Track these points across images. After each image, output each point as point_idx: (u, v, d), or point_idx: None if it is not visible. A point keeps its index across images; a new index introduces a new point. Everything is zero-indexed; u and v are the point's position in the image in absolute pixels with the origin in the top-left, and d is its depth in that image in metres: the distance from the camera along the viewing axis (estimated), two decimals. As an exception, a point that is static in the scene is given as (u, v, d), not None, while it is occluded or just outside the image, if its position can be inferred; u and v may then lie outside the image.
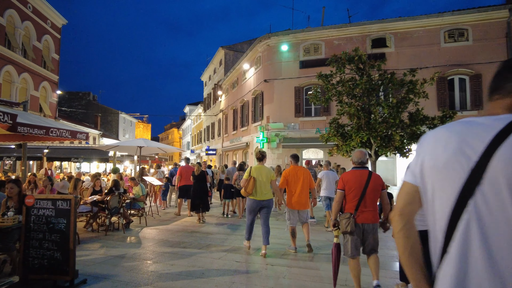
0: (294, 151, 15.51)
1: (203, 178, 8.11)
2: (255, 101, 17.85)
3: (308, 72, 15.40)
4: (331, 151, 9.41)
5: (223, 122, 24.71)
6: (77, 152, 16.09)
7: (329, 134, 9.07)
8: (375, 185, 3.44)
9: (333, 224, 3.53)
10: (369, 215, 3.41)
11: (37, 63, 22.43)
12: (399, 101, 8.12)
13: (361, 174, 3.48)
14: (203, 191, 8.06)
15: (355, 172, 3.54)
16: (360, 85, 8.23)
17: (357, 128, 8.42)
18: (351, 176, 3.52)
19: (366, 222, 3.41)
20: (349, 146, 8.73)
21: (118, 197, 6.73)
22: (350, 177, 3.52)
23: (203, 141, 32.99)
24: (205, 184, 8.16)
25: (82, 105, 38.75)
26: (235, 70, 21.32)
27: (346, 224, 3.36)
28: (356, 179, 3.46)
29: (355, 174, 3.51)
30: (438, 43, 14.05)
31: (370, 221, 3.42)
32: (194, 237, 6.41)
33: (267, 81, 16.12)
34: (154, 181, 9.48)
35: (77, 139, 7.11)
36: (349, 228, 3.34)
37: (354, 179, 3.47)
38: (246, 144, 18.35)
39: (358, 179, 3.45)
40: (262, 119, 16.60)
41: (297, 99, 15.53)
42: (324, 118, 15.08)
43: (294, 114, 15.54)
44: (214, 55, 27.61)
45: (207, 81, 32.61)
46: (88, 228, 6.91)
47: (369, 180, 3.42)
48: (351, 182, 3.48)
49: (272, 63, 16.19)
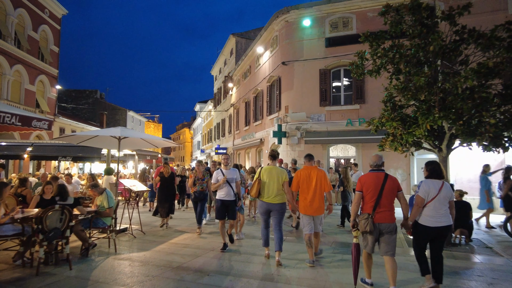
0: (319, 148, 12.74)
1: (171, 180, 7.74)
2: (271, 89, 15.17)
3: (336, 51, 12.62)
4: (382, 144, 6.63)
5: (234, 117, 22.16)
6: (65, 150, 13.97)
7: (383, 119, 6.30)
8: (391, 187, 3.59)
9: (352, 225, 3.70)
10: (385, 215, 3.54)
11: (33, 55, 20.59)
12: (497, 65, 5.25)
13: (378, 176, 3.64)
14: (170, 194, 7.66)
15: (372, 174, 3.70)
16: (435, 41, 5.42)
17: (428, 108, 5.61)
18: (369, 178, 3.67)
19: (382, 221, 3.54)
20: (412, 136, 5.94)
21: (60, 213, 4.23)
22: (367, 179, 3.67)
23: (214, 139, 30.59)
24: (173, 187, 7.85)
25: (89, 103, 37.47)
26: (247, 56, 18.72)
27: (365, 224, 3.52)
28: (373, 181, 3.62)
29: (372, 176, 3.66)
30: (505, 9, 10.96)
31: (386, 221, 3.54)
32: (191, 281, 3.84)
33: (286, 63, 13.42)
34: (135, 186, 6.98)
35: (32, 128, 5.15)
36: (368, 227, 3.50)
37: (371, 181, 3.63)
38: (260, 141, 15.70)
39: (375, 181, 3.61)
40: (280, 110, 13.90)
41: (323, 84, 12.75)
42: (357, 107, 12.24)
43: (319, 102, 12.77)
44: (225, 44, 25.13)
45: (217, 75, 30.18)
46: (17, 261, 4.45)
47: (385, 182, 3.58)
48: (368, 183, 3.64)
49: (291, 42, 13.48)
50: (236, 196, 5.20)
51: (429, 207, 3.59)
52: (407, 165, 11.76)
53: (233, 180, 5.16)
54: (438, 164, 3.80)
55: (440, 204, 3.56)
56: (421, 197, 3.63)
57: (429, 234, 3.59)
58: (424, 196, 3.61)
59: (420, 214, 3.64)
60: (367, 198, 3.61)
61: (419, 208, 3.63)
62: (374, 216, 3.52)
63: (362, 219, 3.55)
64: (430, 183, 3.65)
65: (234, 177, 5.20)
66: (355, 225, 3.64)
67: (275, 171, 4.73)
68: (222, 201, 5.14)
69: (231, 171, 5.17)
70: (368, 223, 3.48)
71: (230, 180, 5.10)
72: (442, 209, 3.56)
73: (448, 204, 3.60)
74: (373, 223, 3.50)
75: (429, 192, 3.60)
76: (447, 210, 3.59)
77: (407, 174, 11.72)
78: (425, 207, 3.61)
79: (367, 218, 3.51)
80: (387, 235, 3.53)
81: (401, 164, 11.70)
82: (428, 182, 3.67)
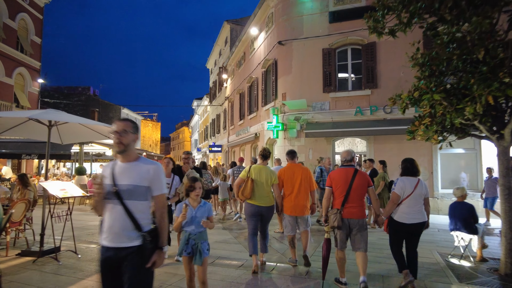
0: (322, 142, 10.74)
1: None
2: (266, 75, 13.19)
3: (342, 27, 10.63)
4: (413, 130, 4.65)
5: (229, 111, 20.21)
6: (31, 147, 12.16)
7: (415, 94, 4.30)
8: (360, 182, 3.59)
9: (324, 220, 3.71)
10: (354, 210, 3.54)
11: (9, 45, 18.85)
12: None
13: (347, 172, 3.65)
14: None
15: (341, 170, 3.72)
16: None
17: (491, 70, 3.61)
18: (338, 174, 3.69)
19: (351, 217, 3.54)
20: (461, 115, 3.96)
21: None
22: (336, 175, 3.70)
23: (209, 137, 28.68)
24: None
25: (82, 100, 36.05)
26: (241, 42, 16.75)
27: (334, 219, 3.54)
28: (342, 177, 3.63)
29: (341, 172, 3.68)
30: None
31: (355, 216, 3.54)
32: None
33: (283, 43, 11.42)
34: (66, 191, 4.98)
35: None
36: (336, 223, 3.52)
37: (340, 177, 3.64)
38: (255, 136, 13.74)
39: (343, 177, 3.62)
40: (276, 98, 11.92)
41: (327, 67, 10.75)
42: (367, 93, 10.23)
43: (323, 88, 10.77)
44: (219, 33, 23.16)
45: (213, 68, 28.22)
46: None
47: (354, 177, 3.58)
48: (337, 179, 3.65)
49: (289, 19, 11.49)
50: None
51: (404, 204, 3.64)
52: (429, 162, 9.74)
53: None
54: (412, 161, 3.79)
55: (415, 201, 3.63)
56: (396, 194, 3.67)
57: (405, 230, 3.64)
58: (399, 193, 3.66)
59: (396, 211, 3.69)
60: (336, 193, 3.66)
61: (394, 205, 3.69)
62: (342, 211, 3.55)
63: (332, 214, 3.60)
64: (406, 180, 3.70)
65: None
66: (326, 220, 3.68)
67: (265, 172, 4.36)
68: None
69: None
70: (337, 218, 3.52)
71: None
72: (417, 206, 3.63)
73: (423, 201, 3.68)
74: (341, 218, 3.54)
75: (404, 190, 3.65)
76: (421, 207, 3.66)
77: (429, 173, 9.70)
78: (400, 204, 3.67)
79: (336, 213, 3.55)
80: (357, 231, 3.56)
81: (421, 161, 9.67)
82: (404, 179, 3.73)
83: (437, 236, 6.56)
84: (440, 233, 6.84)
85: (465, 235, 4.76)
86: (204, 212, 3.00)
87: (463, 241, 4.85)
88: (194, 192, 2.99)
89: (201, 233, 2.99)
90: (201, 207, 3.02)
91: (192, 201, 3.03)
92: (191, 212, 2.96)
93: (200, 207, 3.01)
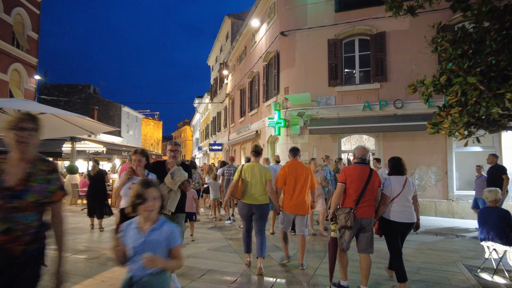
0: (327, 140, 10.03)
1: (101, 178, 6.89)
2: (268, 69, 12.48)
3: (349, 16, 9.91)
4: (438, 122, 3.94)
5: (230, 108, 19.54)
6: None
7: (442, 78, 3.60)
8: (375, 182, 3.50)
9: (331, 218, 3.54)
10: (367, 210, 3.45)
11: (5, 40, 18.34)
12: None
13: (363, 170, 3.52)
14: (101, 194, 6.87)
15: (358, 167, 3.56)
16: None
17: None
18: (354, 170, 3.54)
19: (364, 216, 3.44)
20: (502, 102, 3.26)
21: None
22: (353, 171, 3.54)
23: (210, 135, 28.04)
24: (103, 185, 6.93)
25: (82, 98, 35.67)
26: (242, 35, 16.05)
27: (346, 219, 3.37)
28: (359, 174, 3.49)
29: (358, 169, 3.53)
30: None
31: (368, 216, 3.45)
32: None
33: (285, 34, 10.71)
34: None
35: None
36: (349, 222, 3.35)
37: (357, 173, 3.50)
38: (256, 133, 13.05)
39: (360, 174, 3.49)
40: (278, 93, 11.22)
41: (332, 59, 10.02)
42: (376, 86, 9.50)
43: (328, 82, 10.05)
44: (220, 28, 22.49)
45: (214, 64, 27.55)
46: None
47: (370, 176, 3.48)
48: (353, 176, 3.50)
49: (292, 8, 10.77)
50: None
51: (395, 203, 3.57)
52: (443, 161, 8.98)
53: None
54: (399, 160, 3.70)
55: (405, 199, 3.57)
56: (386, 195, 3.60)
57: (399, 229, 3.57)
58: (388, 193, 3.59)
59: (388, 211, 3.60)
60: (350, 190, 3.47)
61: (385, 207, 3.61)
62: (356, 210, 3.41)
63: (343, 213, 3.41)
64: (394, 179, 3.64)
65: None
66: (334, 218, 3.51)
67: (258, 169, 4.29)
68: None
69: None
70: (350, 218, 3.35)
71: None
72: (407, 205, 3.58)
73: (412, 199, 3.64)
74: (354, 218, 3.39)
75: (393, 189, 3.59)
76: (411, 206, 3.61)
77: (443, 172, 8.94)
78: (392, 204, 3.59)
79: (348, 212, 3.39)
80: (367, 231, 3.46)
81: (435, 159, 8.94)
82: (392, 178, 3.66)
83: (457, 244, 5.84)
84: (459, 241, 6.12)
85: (499, 246, 4.04)
86: (160, 238, 1.78)
87: (495, 253, 4.13)
88: (144, 206, 1.77)
89: (154, 276, 1.73)
90: (155, 230, 1.79)
91: (143, 220, 1.81)
92: (137, 237, 1.77)
93: (154, 230, 1.79)
